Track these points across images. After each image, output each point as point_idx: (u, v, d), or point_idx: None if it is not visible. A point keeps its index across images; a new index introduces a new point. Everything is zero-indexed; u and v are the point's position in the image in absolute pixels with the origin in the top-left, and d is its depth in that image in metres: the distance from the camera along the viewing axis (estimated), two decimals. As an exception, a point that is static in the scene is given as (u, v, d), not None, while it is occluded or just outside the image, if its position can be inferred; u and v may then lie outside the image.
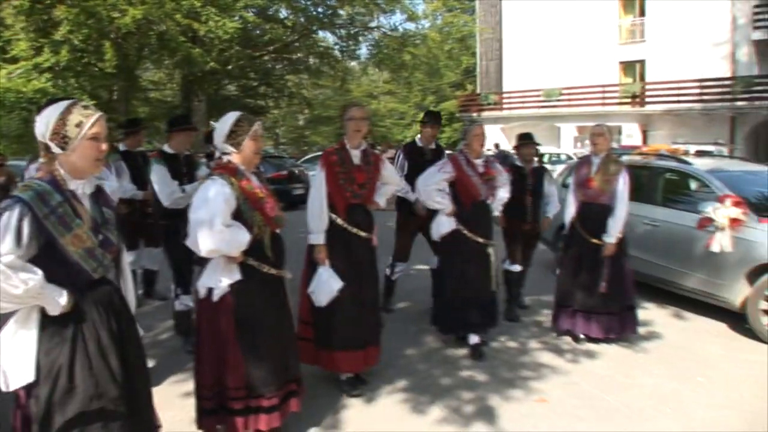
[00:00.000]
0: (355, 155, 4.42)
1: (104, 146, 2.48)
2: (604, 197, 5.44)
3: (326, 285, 4.18)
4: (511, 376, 4.79)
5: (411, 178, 5.78)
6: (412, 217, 6.17)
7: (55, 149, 2.42)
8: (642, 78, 28.28)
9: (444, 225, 5.23)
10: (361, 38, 24.35)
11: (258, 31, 21.55)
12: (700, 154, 15.48)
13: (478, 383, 4.66)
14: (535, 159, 6.42)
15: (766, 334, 5.69)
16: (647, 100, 27.05)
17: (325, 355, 4.30)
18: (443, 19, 32.93)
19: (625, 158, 7.37)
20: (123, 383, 2.50)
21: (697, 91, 25.23)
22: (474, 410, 4.20)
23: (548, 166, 8.07)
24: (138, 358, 2.67)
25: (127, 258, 2.79)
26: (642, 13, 28.25)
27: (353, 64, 29.44)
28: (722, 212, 5.97)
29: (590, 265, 5.46)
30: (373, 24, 23.81)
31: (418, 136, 6.48)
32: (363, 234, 4.36)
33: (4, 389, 2.40)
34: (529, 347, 5.48)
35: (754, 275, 5.81)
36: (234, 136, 3.36)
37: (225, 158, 3.42)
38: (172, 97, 27.90)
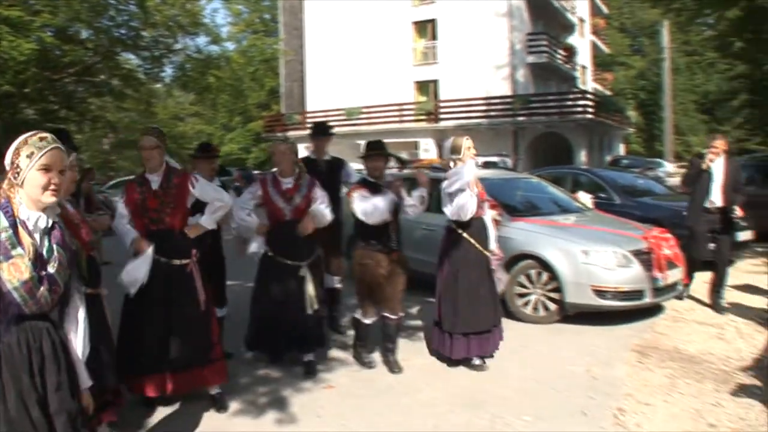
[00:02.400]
0: (154, 180, 4.35)
1: (56, 177, 2.40)
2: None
3: (135, 270, 4.22)
4: (304, 371, 5.32)
5: None
6: None
7: (12, 180, 2.38)
8: (435, 96, 30.70)
9: (252, 245, 5.19)
10: (165, 60, 23.94)
11: (57, 52, 20.50)
12: (486, 165, 17.15)
13: (274, 379, 5.16)
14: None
15: (521, 313, 6.78)
16: (441, 116, 29.35)
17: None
18: (247, 42, 33.27)
19: (405, 171, 8.25)
20: None
21: (484, 108, 27.87)
22: (268, 401, 4.71)
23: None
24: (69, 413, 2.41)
25: (80, 303, 2.66)
26: (434, 38, 30.65)
27: (158, 86, 28.81)
28: (481, 214, 6.99)
29: (487, 280, 5.38)
30: (178, 46, 23.52)
31: (310, 148, 6.36)
32: (166, 259, 4.28)
33: None
34: (322, 344, 6.06)
35: (509, 266, 6.90)
36: None
37: None
38: (-40, 121, 25.66)
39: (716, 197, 6.99)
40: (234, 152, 41.47)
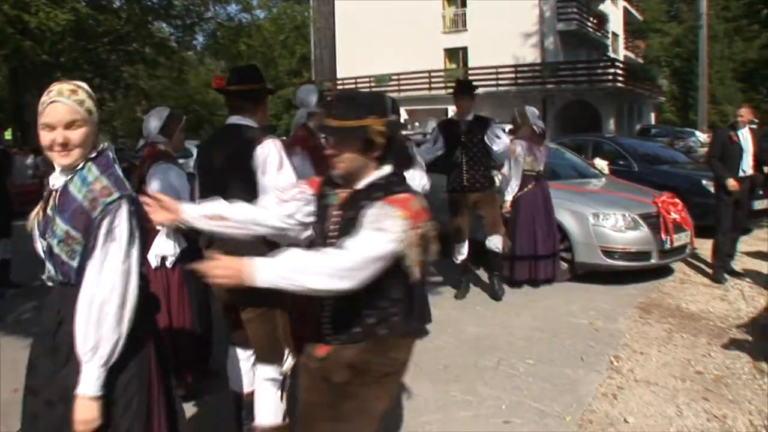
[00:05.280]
0: None
1: (61, 135, 1.97)
2: None
3: None
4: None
5: (448, 152, 6.27)
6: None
7: None
8: (465, 64, 30.84)
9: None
10: (196, 28, 24.38)
11: (91, 22, 21.07)
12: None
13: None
14: None
15: (533, 273, 7.16)
16: (470, 83, 29.37)
17: None
18: (278, 10, 33.59)
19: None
20: None
21: (513, 75, 27.92)
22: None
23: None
24: None
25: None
26: (463, 5, 30.66)
27: (190, 54, 29.36)
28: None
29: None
30: (209, 14, 23.94)
31: (453, 109, 6.75)
32: None
33: None
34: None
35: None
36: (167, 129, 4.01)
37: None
38: (-1, 91, 26.53)
39: (747, 166, 7.03)
40: (265, 119, 42.02)
